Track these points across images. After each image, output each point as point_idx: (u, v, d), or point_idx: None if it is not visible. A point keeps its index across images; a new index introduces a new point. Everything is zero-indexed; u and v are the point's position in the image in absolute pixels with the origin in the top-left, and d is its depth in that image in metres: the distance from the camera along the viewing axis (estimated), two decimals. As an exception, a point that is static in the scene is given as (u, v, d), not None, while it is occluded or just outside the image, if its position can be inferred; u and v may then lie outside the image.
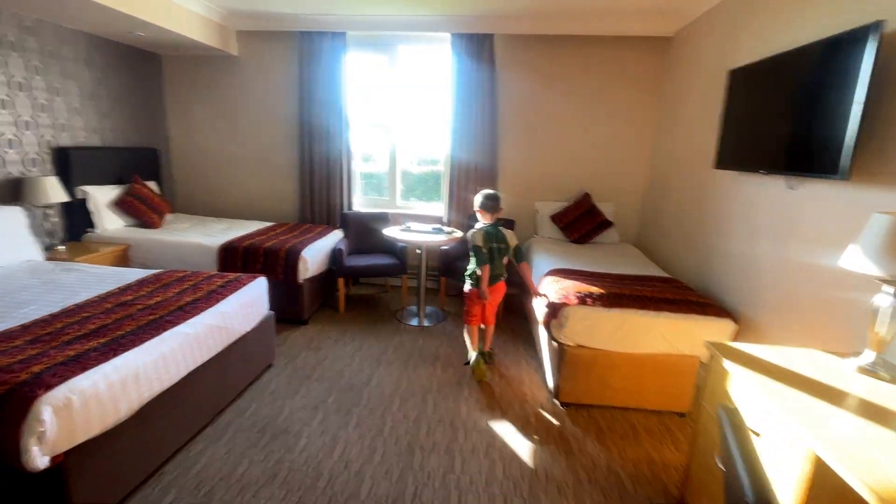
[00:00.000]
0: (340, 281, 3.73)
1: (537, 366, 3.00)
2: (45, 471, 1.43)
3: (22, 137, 3.12)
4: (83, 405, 1.49)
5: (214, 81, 4.27)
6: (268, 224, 4.13)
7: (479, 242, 2.66)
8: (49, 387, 1.43)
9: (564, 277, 2.75)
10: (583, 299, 2.41)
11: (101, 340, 1.75)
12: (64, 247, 3.25)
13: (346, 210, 4.31)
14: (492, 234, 2.70)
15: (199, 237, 3.50)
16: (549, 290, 2.65)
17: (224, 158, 4.43)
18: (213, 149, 4.42)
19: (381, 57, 4.20)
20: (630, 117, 3.99)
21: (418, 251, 3.63)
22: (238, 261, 3.33)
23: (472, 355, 2.83)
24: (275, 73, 4.20)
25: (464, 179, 4.06)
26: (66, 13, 3.04)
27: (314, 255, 3.45)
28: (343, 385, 2.66)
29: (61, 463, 1.46)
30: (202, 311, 2.14)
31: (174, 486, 1.84)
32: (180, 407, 1.98)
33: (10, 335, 1.77)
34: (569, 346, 2.44)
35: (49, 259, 2.97)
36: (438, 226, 3.74)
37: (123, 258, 3.41)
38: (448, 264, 3.83)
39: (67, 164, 3.38)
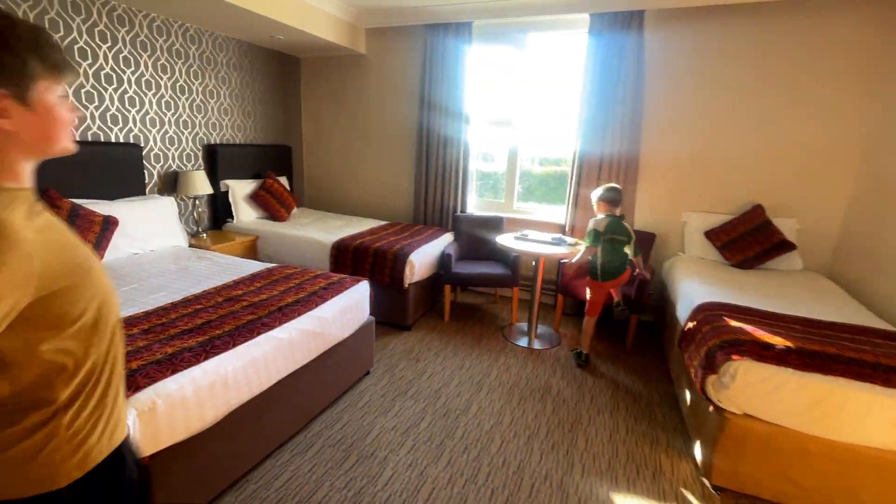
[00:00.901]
0: (447, 288, 3.49)
1: (678, 425, 2.36)
2: (130, 472, 1.39)
3: (181, 135, 3.49)
4: (168, 410, 1.42)
5: (343, 81, 4.38)
6: (381, 223, 4.09)
7: (601, 228, 2.71)
8: (137, 388, 1.38)
9: (729, 315, 2.09)
10: (760, 352, 1.76)
11: (199, 339, 1.71)
12: (206, 234, 3.57)
13: (458, 212, 4.07)
14: (614, 225, 2.72)
15: (316, 233, 3.57)
16: (703, 330, 2.03)
17: (348, 155, 4.53)
18: (339, 146, 4.55)
19: (507, 48, 3.85)
20: (832, 109, 3.00)
21: (534, 263, 3.20)
22: (348, 259, 3.30)
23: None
24: (399, 70, 4.13)
25: (593, 182, 3.50)
26: (218, 20, 3.30)
27: (422, 259, 3.26)
28: (439, 409, 2.39)
29: (147, 465, 1.41)
30: (300, 314, 2.04)
31: (255, 498, 1.75)
32: (270, 414, 1.89)
33: (132, 322, 1.84)
34: (732, 413, 1.80)
35: (191, 245, 3.26)
36: (559, 235, 3.26)
37: (252, 248, 3.63)
38: (567, 281, 3.33)
39: (215, 159, 3.72)
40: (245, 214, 3.88)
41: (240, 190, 3.85)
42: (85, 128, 2.85)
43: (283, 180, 4.37)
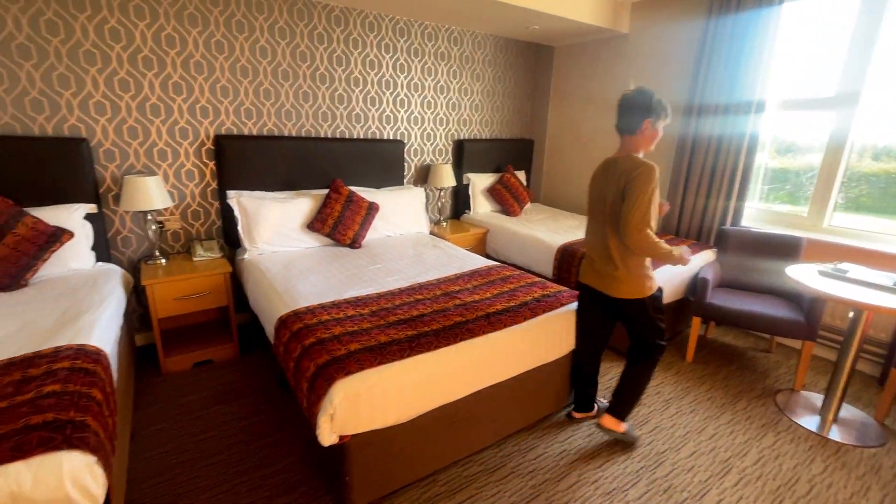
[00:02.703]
0: (696, 320, 2.74)
1: None
2: (336, 445, 1.52)
3: (436, 132, 3.83)
4: (369, 398, 1.48)
5: (597, 67, 3.95)
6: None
7: None
8: (348, 372, 1.48)
9: None
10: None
11: (409, 333, 1.75)
12: (446, 223, 3.86)
13: (727, 224, 3.14)
14: None
15: (543, 233, 3.36)
16: None
17: (592, 149, 4.12)
18: (584, 139, 4.18)
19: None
20: None
21: (851, 314, 2.14)
22: (573, 267, 2.96)
23: None
24: (666, 49, 3.43)
25: None
26: (478, 18, 3.40)
27: (664, 278, 2.64)
28: (659, 480, 1.85)
29: (347, 443, 1.52)
30: (505, 326, 1.88)
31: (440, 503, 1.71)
32: (462, 423, 1.82)
33: (364, 301, 2.06)
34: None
35: (431, 233, 3.56)
36: (912, 278, 2.06)
37: (482, 241, 3.72)
38: (917, 350, 2.11)
39: (462, 153, 3.95)
40: (481, 207, 4.01)
41: (479, 183, 3.99)
42: (366, 128, 3.42)
43: (521, 175, 4.32)
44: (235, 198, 2.74)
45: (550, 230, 3.45)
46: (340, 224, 2.92)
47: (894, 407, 2.39)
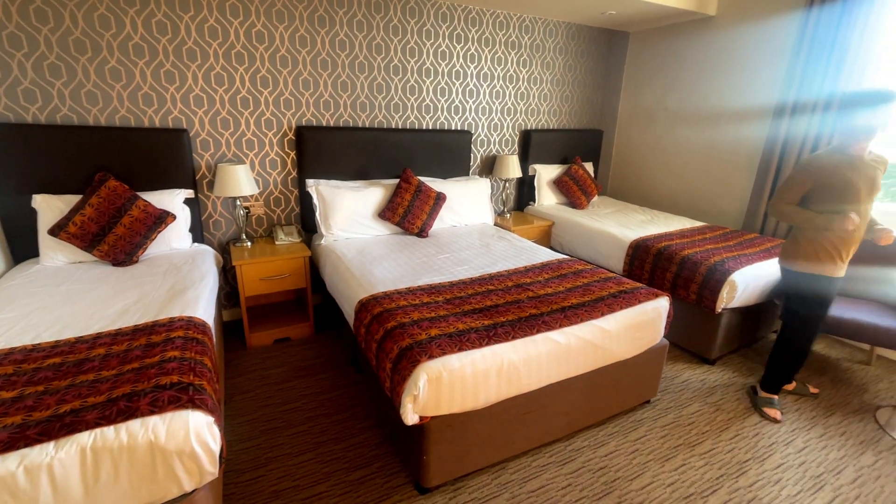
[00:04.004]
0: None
1: None
2: (416, 425, 1.58)
3: (503, 122, 3.80)
4: (450, 383, 1.53)
5: (676, 54, 3.73)
6: (697, 224, 3.37)
7: None
8: (431, 356, 1.53)
9: None
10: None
11: (485, 322, 1.77)
12: (510, 215, 3.84)
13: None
14: None
15: (613, 227, 3.26)
16: None
17: (666, 141, 3.91)
18: (657, 130, 3.98)
19: None
20: None
21: (979, 327, 1.90)
22: (647, 263, 2.85)
23: None
24: (761, 28, 3.17)
25: None
26: (551, 4, 3.30)
27: (750, 280, 2.48)
28: (741, 490, 1.76)
29: (426, 424, 1.58)
30: (582, 321, 1.85)
31: (508, 490, 1.74)
32: (535, 413, 1.82)
33: (437, 289, 2.10)
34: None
35: (496, 224, 3.56)
36: None
37: (547, 234, 3.67)
38: None
39: (528, 144, 3.89)
40: (546, 199, 3.95)
41: (545, 174, 3.93)
42: (435, 119, 3.46)
43: (589, 166, 4.19)
44: (314, 186, 2.88)
45: (620, 224, 3.34)
46: (409, 213, 2.99)
47: None
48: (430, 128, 3.46)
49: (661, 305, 2.09)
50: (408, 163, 3.27)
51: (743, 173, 3.38)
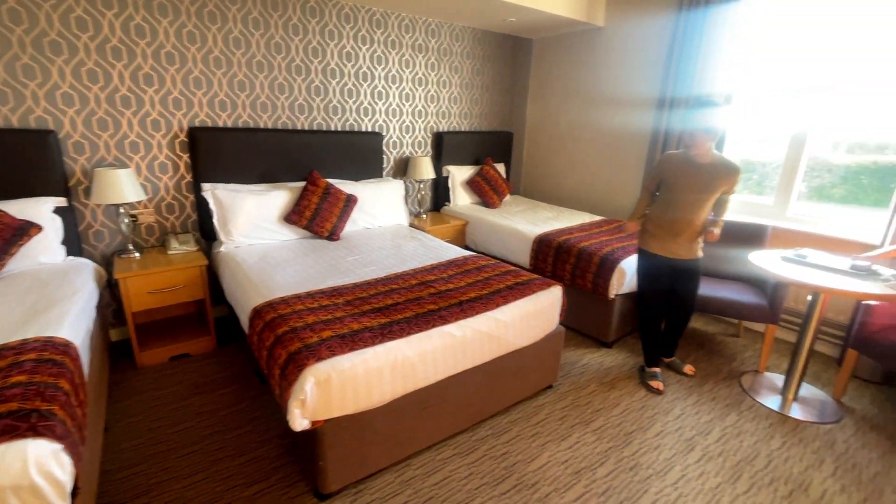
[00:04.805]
0: (666, 306, 2.82)
1: None
2: (310, 430, 1.54)
3: (415, 124, 3.84)
4: (340, 384, 1.51)
5: (575, 60, 4.00)
6: (596, 219, 3.63)
7: None
8: (320, 358, 1.51)
9: None
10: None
11: (382, 321, 1.78)
12: (426, 215, 3.88)
13: (698, 213, 3.22)
14: None
15: (521, 224, 3.41)
16: None
17: (570, 141, 4.18)
18: (562, 132, 4.23)
19: (813, -13, 2.72)
20: None
21: (810, 298, 2.24)
22: (549, 256, 3.02)
23: None
24: (640, 42, 3.49)
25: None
26: (454, 9, 3.41)
27: (636, 268, 2.71)
28: (626, 458, 1.92)
29: (319, 428, 1.54)
30: (478, 313, 1.92)
31: (411, 487, 1.75)
32: (436, 407, 1.86)
33: (339, 291, 2.08)
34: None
35: (411, 225, 3.58)
36: (866, 263, 2.16)
37: (462, 232, 3.76)
38: (872, 333, 2.22)
39: (441, 146, 3.97)
40: (461, 199, 4.04)
41: (459, 175, 4.02)
42: (344, 120, 3.42)
43: (500, 167, 4.36)
44: (210, 190, 2.72)
45: (528, 221, 3.51)
46: (318, 216, 2.92)
47: (851, 385, 2.51)
48: (339, 129, 3.41)
49: (554, 294, 2.22)
50: (316, 165, 3.20)
51: (633, 169, 3.70)
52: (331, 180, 3.18)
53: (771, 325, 2.53)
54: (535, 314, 2.11)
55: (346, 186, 3.20)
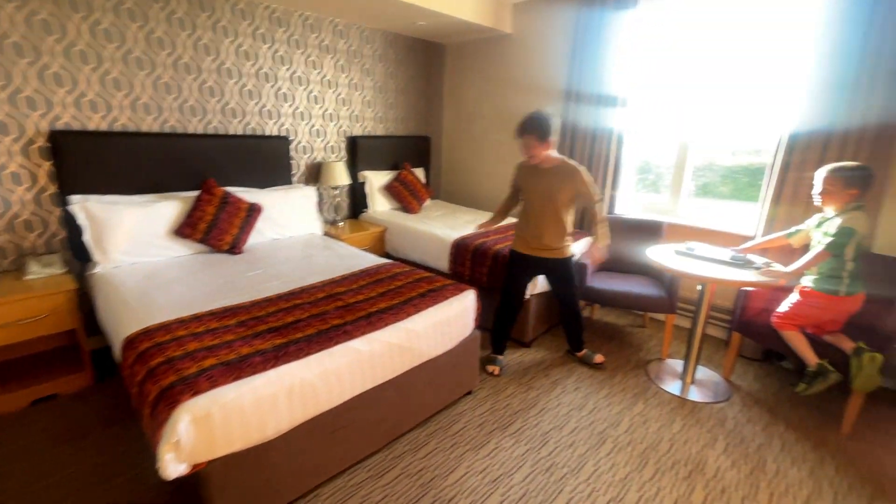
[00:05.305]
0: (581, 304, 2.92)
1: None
2: (190, 475, 1.35)
3: (326, 128, 3.67)
4: (224, 419, 1.34)
5: (487, 65, 4.07)
6: (512, 221, 3.68)
7: (865, 230, 1.99)
8: (197, 392, 1.33)
9: None
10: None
11: (277, 342, 1.62)
12: (343, 223, 3.72)
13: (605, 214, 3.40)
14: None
15: (440, 228, 3.38)
16: None
17: (485, 145, 4.23)
18: (478, 136, 4.28)
19: (685, 6, 2.98)
20: None
21: (699, 287, 2.42)
22: (467, 260, 3.01)
23: (816, 369, 2.07)
24: (546, 49, 3.63)
25: (809, 167, 2.47)
26: (361, 11, 3.30)
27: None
28: (542, 459, 1.93)
29: (203, 471, 1.36)
30: (386, 325, 1.82)
31: (320, 520, 1.61)
32: (345, 429, 1.73)
33: (233, 311, 1.88)
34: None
35: (326, 234, 3.41)
36: (743, 254, 2.39)
37: (381, 239, 3.65)
38: (751, 316, 2.44)
39: (355, 151, 3.83)
40: (380, 205, 3.93)
41: (376, 181, 3.91)
42: (245, 124, 3.16)
43: (420, 172, 4.31)
44: (80, 203, 2.36)
45: (447, 226, 3.48)
46: (215, 228, 2.66)
47: (738, 364, 2.75)
48: (240, 133, 3.15)
49: (468, 299, 2.19)
50: (213, 172, 2.92)
51: (546, 173, 3.82)
52: (231, 188, 2.92)
53: (670, 315, 2.72)
54: (448, 321, 2.06)
55: (249, 195, 2.96)
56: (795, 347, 2.16)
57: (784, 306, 2.22)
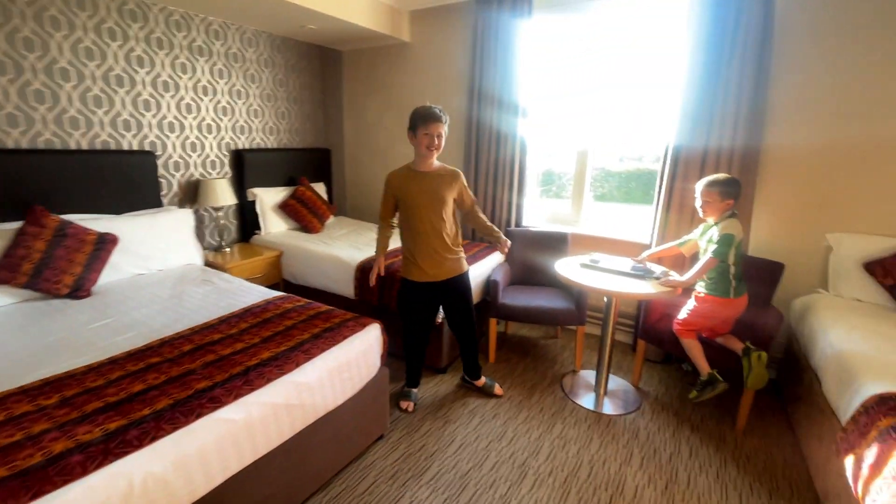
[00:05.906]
0: (492, 322, 2.83)
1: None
2: None
3: (203, 141, 3.19)
4: (18, 556, 0.95)
5: (388, 74, 3.87)
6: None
7: (741, 235, 2.12)
8: (-32, 527, 0.92)
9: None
10: None
11: (111, 426, 1.24)
12: (230, 249, 3.26)
13: (512, 226, 3.37)
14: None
15: (344, 249, 3.08)
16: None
17: (390, 156, 4.02)
18: (382, 147, 4.06)
19: (578, 17, 3.07)
20: None
21: (606, 299, 2.43)
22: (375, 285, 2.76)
23: (706, 378, 2.19)
24: (446, 58, 3.53)
25: (692, 177, 2.63)
26: (238, 10, 2.93)
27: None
28: (461, 508, 1.75)
29: None
30: (269, 381, 1.51)
31: None
32: (220, 519, 1.39)
33: (59, 384, 1.44)
34: None
35: (207, 263, 2.94)
36: (641, 264, 2.45)
37: (276, 265, 3.25)
38: (653, 322, 2.51)
39: (242, 166, 3.39)
40: (274, 226, 3.52)
41: (268, 199, 3.50)
42: (91, 136, 2.61)
43: (321, 187, 3.97)
44: None
45: (352, 245, 3.20)
46: (47, 268, 2.12)
47: (645, 371, 2.84)
48: (84, 148, 2.59)
49: (371, 335, 1.95)
50: (45, 198, 2.34)
51: (454, 186, 3.71)
52: (72, 216, 2.37)
53: (580, 327, 2.72)
54: (349, 364, 1.80)
55: (98, 223, 2.42)
56: (692, 356, 2.24)
57: (683, 313, 2.30)
